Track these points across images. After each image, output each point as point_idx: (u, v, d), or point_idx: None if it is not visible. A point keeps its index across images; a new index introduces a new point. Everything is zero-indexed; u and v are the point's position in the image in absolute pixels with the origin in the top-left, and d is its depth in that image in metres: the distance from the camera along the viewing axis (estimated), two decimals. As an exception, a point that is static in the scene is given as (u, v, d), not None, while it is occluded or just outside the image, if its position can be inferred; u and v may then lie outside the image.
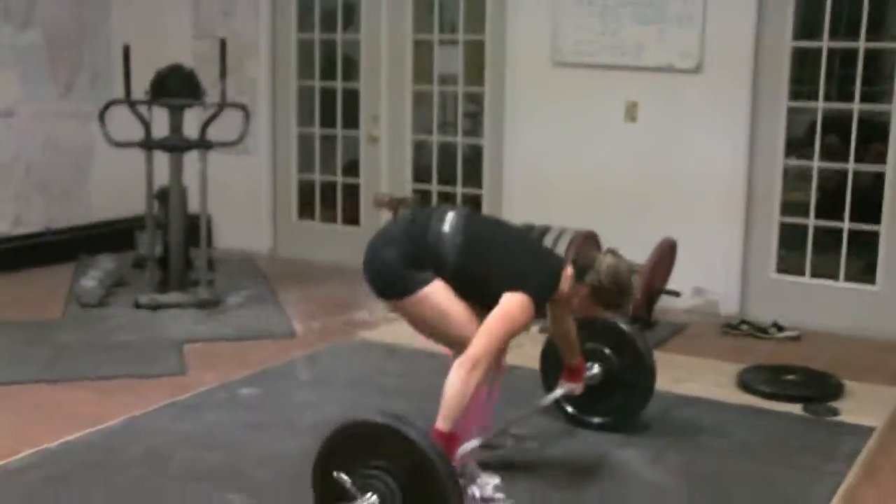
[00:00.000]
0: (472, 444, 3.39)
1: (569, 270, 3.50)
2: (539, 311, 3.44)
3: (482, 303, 3.37)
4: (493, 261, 3.42)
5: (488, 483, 3.41)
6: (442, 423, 3.15)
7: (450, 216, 3.46)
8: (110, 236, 7.24)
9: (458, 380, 3.18)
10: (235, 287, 6.46)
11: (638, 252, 5.74)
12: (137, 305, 5.85)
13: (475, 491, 3.35)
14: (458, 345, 3.35)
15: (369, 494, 2.87)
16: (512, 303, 3.31)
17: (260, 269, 7.08)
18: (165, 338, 5.39)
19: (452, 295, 3.42)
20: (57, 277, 6.62)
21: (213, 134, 6.08)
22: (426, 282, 3.40)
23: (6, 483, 3.58)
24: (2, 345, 5.23)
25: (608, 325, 4.08)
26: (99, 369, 4.86)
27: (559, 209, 6.41)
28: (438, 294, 3.41)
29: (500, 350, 3.35)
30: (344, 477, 2.89)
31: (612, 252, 3.54)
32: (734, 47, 5.94)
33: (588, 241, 5.77)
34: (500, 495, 3.40)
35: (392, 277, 3.45)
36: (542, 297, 3.42)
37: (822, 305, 5.93)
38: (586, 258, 3.56)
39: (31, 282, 6.60)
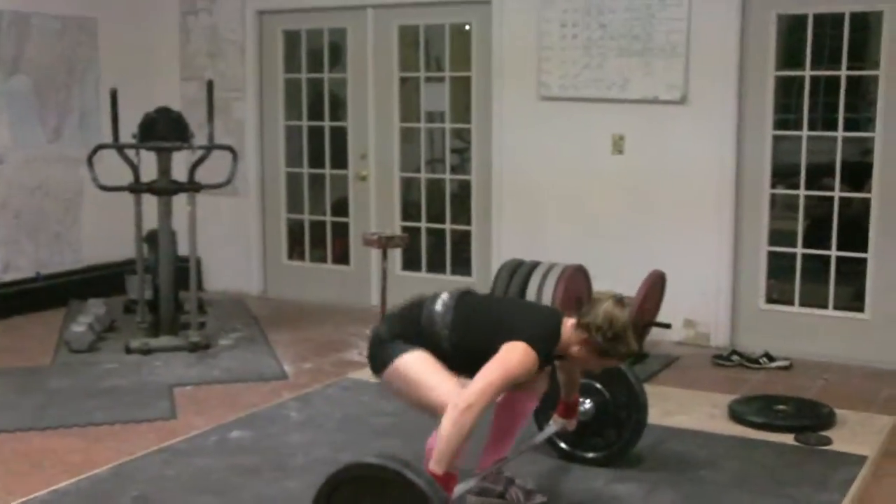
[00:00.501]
0: (467, 485, 3.38)
1: (569, 320, 3.45)
2: (543, 364, 3.43)
3: None
4: (488, 330, 3.41)
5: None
6: (435, 466, 3.14)
7: (443, 296, 3.54)
8: (101, 280, 7.25)
9: (448, 422, 3.17)
10: (226, 329, 6.45)
11: (627, 284, 5.78)
12: (128, 350, 5.83)
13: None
14: (441, 414, 3.25)
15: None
16: (508, 349, 3.31)
17: (250, 311, 7.08)
18: (156, 382, 5.37)
19: (435, 365, 3.42)
20: (47, 323, 6.62)
21: (202, 176, 6.10)
22: (402, 352, 3.44)
23: (-4, 533, 3.56)
24: (-9, 392, 5.22)
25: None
26: (88, 416, 4.84)
27: (549, 243, 6.43)
28: (411, 363, 3.42)
29: (495, 398, 3.31)
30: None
31: (616, 299, 3.46)
32: (719, 78, 5.98)
33: (577, 276, 5.77)
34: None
35: (375, 351, 3.54)
36: (543, 346, 3.37)
37: (812, 334, 5.94)
38: (590, 307, 3.49)
39: (21, 328, 6.59)
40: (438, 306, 3.51)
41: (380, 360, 3.51)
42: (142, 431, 4.64)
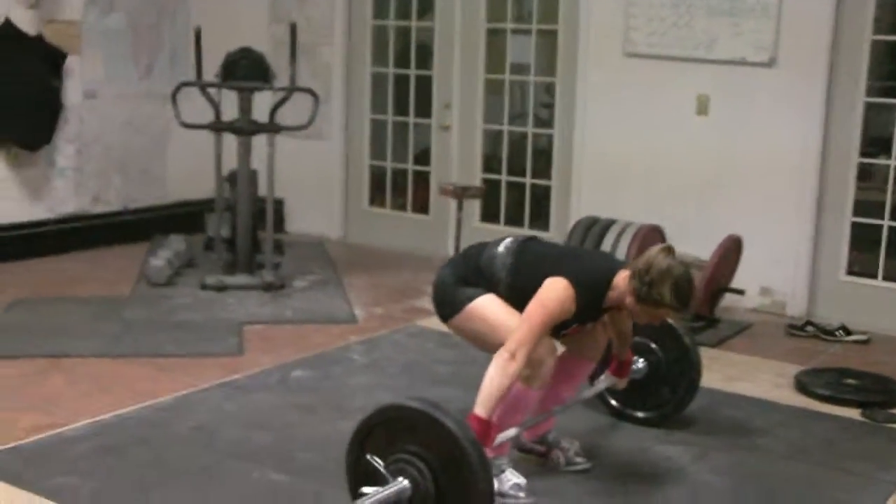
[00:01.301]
0: (508, 434, 3.39)
1: (625, 272, 3.37)
2: (589, 313, 3.41)
3: None
4: (542, 272, 3.37)
5: (510, 480, 3.39)
6: (478, 409, 3.17)
7: (507, 240, 3.55)
8: (185, 217, 7.40)
9: (493, 367, 3.20)
10: (302, 271, 6.54)
11: (704, 248, 5.70)
12: (203, 286, 5.96)
13: (494, 484, 3.31)
14: None
15: (401, 479, 2.90)
16: (546, 286, 3.29)
17: (329, 255, 7.16)
18: (227, 319, 5.48)
19: (504, 306, 3.43)
20: (131, 256, 6.79)
21: (286, 118, 6.16)
22: (474, 297, 3.47)
23: (58, 451, 3.70)
24: (71, 319, 5.39)
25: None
26: (160, 347, 4.98)
27: (627, 202, 6.35)
28: (486, 307, 3.45)
29: (540, 337, 3.26)
30: (377, 460, 2.93)
31: (666, 249, 3.36)
32: (810, 41, 5.80)
33: (652, 235, 5.71)
34: (521, 494, 3.37)
35: (443, 297, 3.56)
36: (587, 290, 3.32)
37: (893, 309, 5.77)
38: (641, 255, 3.41)
39: (105, 259, 6.78)
40: (501, 248, 3.51)
41: (448, 305, 3.54)
42: (208, 365, 4.75)
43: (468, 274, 3.53)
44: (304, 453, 3.77)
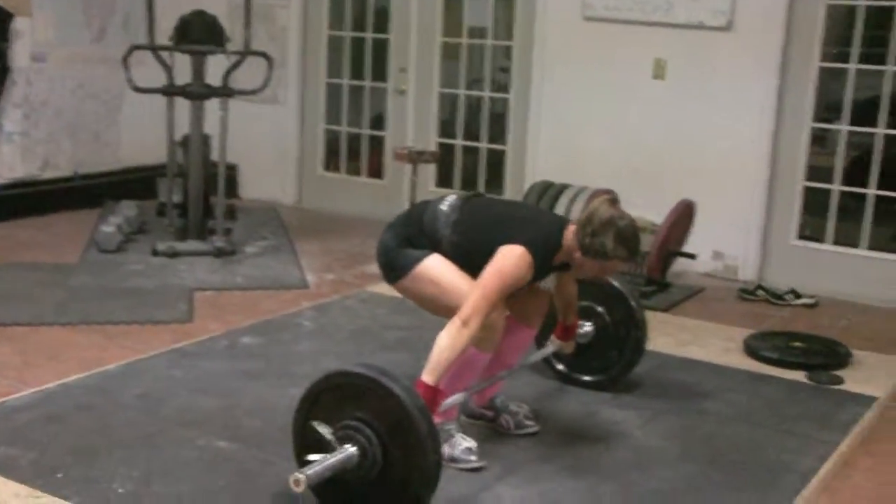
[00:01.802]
0: (455, 399, 3.38)
1: (572, 227, 3.37)
2: (541, 272, 3.39)
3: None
4: (488, 230, 3.36)
5: (461, 444, 3.39)
6: (426, 376, 3.14)
7: (450, 198, 3.51)
8: (137, 182, 7.32)
9: (446, 334, 3.17)
10: (254, 237, 6.50)
11: (658, 212, 5.71)
12: (155, 252, 5.90)
13: (445, 449, 3.32)
14: None
15: (348, 446, 2.88)
16: (503, 254, 3.26)
17: (282, 220, 7.11)
18: (178, 285, 5.43)
19: (452, 267, 3.40)
20: (81, 222, 6.71)
21: (241, 82, 6.08)
22: (420, 258, 3.42)
23: (3, 420, 3.64)
24: (17, 286, 5.31)
25: (602, 282, 4.02)
26: (108, 314, 4.91)
27: (582, 167, 6.34)
28: (433, 267, 3.41)
29: (495, 305, 3.25)
30: (323, 427, 2.91)
31: (609, 200, 3.35)
32: (767, 5, 5.82)
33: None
34: (472, 458, 3.37)
35: (387, 259, 3.51)
36: (540, 251, 3.31)
37: (842, 273, 5.82)
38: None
39: (55, 226, 6.69)
40: (444, 206, 3.47)
41: (394, 268, 3.49)
42: (157, 332, 4.71)
43: (411, 234, 3.48)
44: (250, 420, 3.74)
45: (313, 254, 6.25)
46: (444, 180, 7.09)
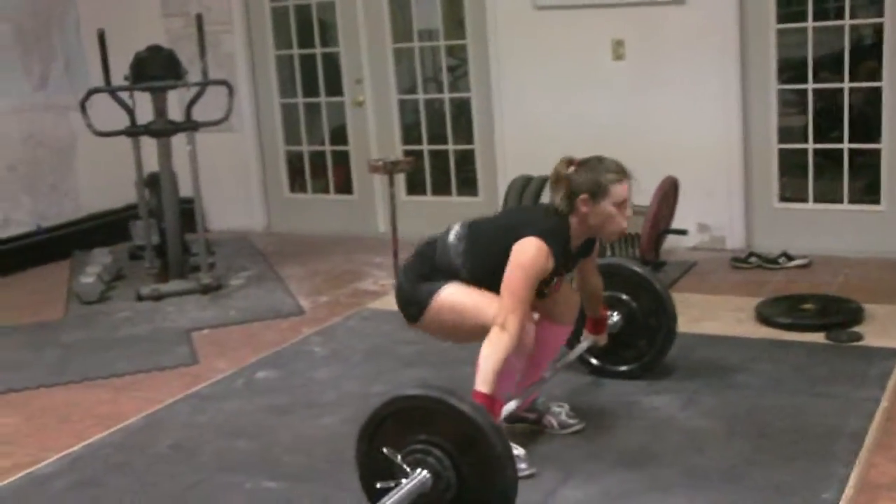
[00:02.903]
0: (510, 406, 3.35)
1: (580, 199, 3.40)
2: (564, 262, 3.38)
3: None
4: (498, 242, 3.33)
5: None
6: (481, 387, 3.10)
7: (455, 227, 3.49)
8: (103, 228, 7.14)
9: (488, 342, 3.15)
10: (235, 269, 6.37)
11: (640, 193, 5.67)
12: (140, 297, 5.75)
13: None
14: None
15: (420, 470, 2.82)
16: (518, 250, 3.25)
17: (257, 248, 6.98)
18: (172, 328, 5.30)
19: (469, 289, 3.36)
20: (52, 277, 6.52)
21: (197, 114, 5.94)
22: (437, 289, 3.39)
23: (35, 493, 3.51)
24: (6, 350, 5.14)
25: (624, 271, 4.04)
26: (110, 367, 4.77)
27: (554, 156, 6.23)
28: (453, 294, 3.37)
29: (526, 302, 3.22)
30: (393, 453, 2.84)
31: (566, 159, 3.54)
32: (717, -26, 5.84)
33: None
34: (522, 465, 3.29)
35: (405, 299, 3.47)
36: (554, 239, 3.31)
37: (828, 230, 5.88)
38: None
39: (25, 283, 6.48)
40: (451, 237, 3.45)
41: (412, 304, 3.44)
42: (166, 379, 4.58)
43: (425, 272, 3.46)
44: (291, 456, 3.65)
45: (299, 278, 6.15)
46: (415, 188, 7.02)
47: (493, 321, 3.17)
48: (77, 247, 6.88)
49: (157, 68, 5.75)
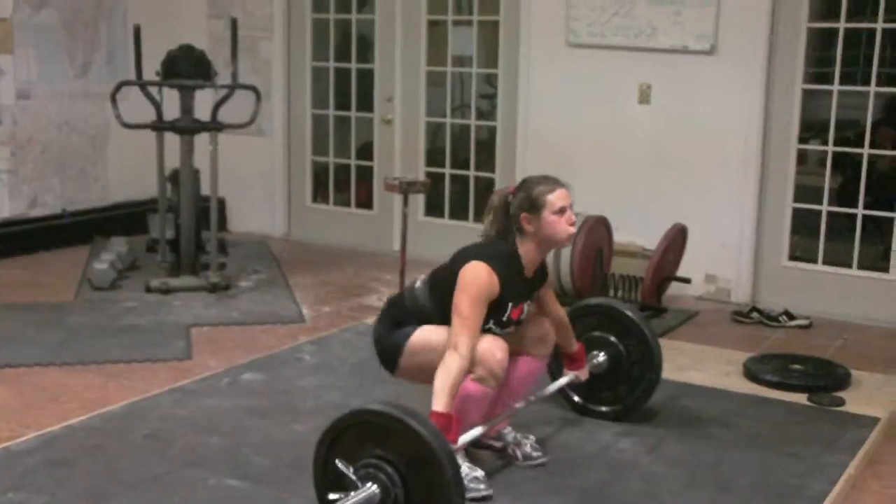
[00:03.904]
0: (475, 432, 3.40)
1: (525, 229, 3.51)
2: (516, 284, 3.45)
3: None
4: (452, 275, 3.43)
5: (470, 473, 3.39)
6: (436, 406, 3.18)
7: (420, 277, 3.64)
8: (126, 218, 7.29)
9: (441, 365, 3.26)
10: (247, 271, 6.48)
11: (650, 237, 5.75)
12: (148, 289, 5.87)
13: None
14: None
15: (370, 484, 2.88)
16: (461, 275, 3.36)
17: (273, 253, 7.10)
18: (174, 322, 5.41)
19: (439, 328, 3.45)
20: (71, 260, 6.68)
21: (227, 116, 6.08)
22: (410, 333, 3.52)
23: (7, 465, 3.60)
24: (13, 326, 5.28)
25: (618, 314, 4.07)
26: (106, 353, 4.89)
27: (571, 194, 6.34)
28: (423, 334, 3.50)
29: (475, 324, 3.31)
30: (345, 465, 2.90)
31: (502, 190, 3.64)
32: (749, 28, 5.87)
33: (598, 227, 5.73)
34: (481, 486, 3.38)
35: (382, 345, 3.61)
36: (497, 259, 3.40)
37: (834, 293, 5.88)
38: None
39: (45, 264, 6.65)
40: (418, 284, 3.60)
41: (390, 351, 3.57)
42: (157, 370, 4.69)
43: (397, 315, 3.60)
44: (259, 458, 3.73)
45: (307, 287, 6.24)
46: (433, 209, 7.11)
47: (448, 343, 3.28)
48: (99, 233, 7.04)
49: (187, 67, 5.89)
